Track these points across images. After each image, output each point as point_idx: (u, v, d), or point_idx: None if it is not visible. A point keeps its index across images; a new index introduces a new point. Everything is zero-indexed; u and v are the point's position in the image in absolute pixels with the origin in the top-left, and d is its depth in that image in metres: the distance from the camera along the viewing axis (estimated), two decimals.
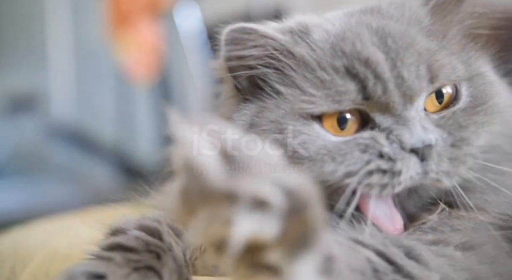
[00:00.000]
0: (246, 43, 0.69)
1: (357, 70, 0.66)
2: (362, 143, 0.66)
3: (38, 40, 3.81)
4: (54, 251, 0.89)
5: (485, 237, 0.65)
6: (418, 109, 0.67)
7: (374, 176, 0.64)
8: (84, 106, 3.77)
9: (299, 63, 0.69)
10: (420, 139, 0.64)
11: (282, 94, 0.70)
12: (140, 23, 2.77)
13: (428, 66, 0.67)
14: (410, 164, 0.64)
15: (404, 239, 0.61)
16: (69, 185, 3.34)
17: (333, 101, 0.66)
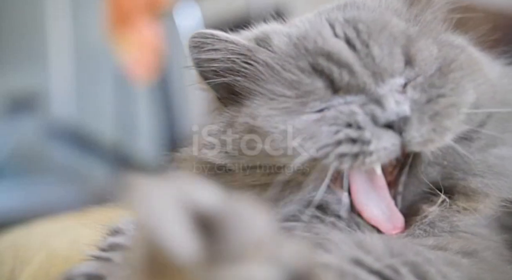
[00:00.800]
0: (205, 47, 0.71)
1: (322, 66, 0.66)
2: (333, 114, 0.65)
3: (38, 40, 3.81)
4: (54, 251, 0.89)
5: (485, 244, 0.65)
6: (393, 88, 0.66)
7: (343, 146, 0.63)
8: (84, 106, 3.78)
9: (263, 67, 0.70)
10: (394, 112, 0.62)
11: (255, 93, 0.70)
12: (140, 23, 2.77)
13: (403, 49, 0.67)
14: (384, 137, 0.62)
15: (410, 249, 0.58)
16: (69, 185, 3.35)
17: (302, 103, 0.66)
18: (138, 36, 2.79)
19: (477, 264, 0.60)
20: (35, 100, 3.80)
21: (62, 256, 0.85)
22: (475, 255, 0.62)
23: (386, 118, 0.63)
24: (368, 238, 0.60)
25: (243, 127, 0.69)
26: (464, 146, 0.68)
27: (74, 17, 3.78)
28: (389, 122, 0.63)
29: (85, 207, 0.93)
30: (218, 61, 0.71)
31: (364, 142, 0.62)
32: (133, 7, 2.77)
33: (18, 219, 1.19)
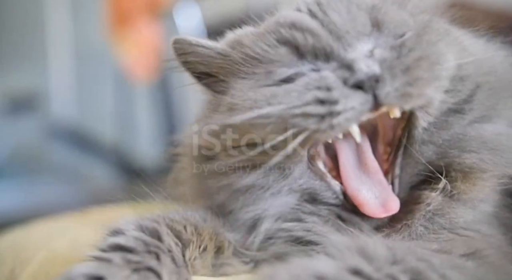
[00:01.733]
0: (186, 50, 0.77)
1: (285, 36, 0.69)
2: (303, 81, 0.66)
3: (38, 40, 3.81)
4: (54, 251, 0.88)
5: (487, 241, 0.65)
6: (362, 52, 0.66)
7: (310, 106, 0.63)
8: (84, 106, 3.77)
9: (236, 64, 0.73)
10: (363, 72, 0.63)
11: (237, 81, 0.73)
12: (140, 23, 2.77)
13: (369, 13, 0.69)
14: (352, 96, 0.62)
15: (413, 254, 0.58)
16: (69, 185, 3.34)
17: (270, 73, 0.69)
18: (138, 36, 2.79)
19: (481, 267, 0.60)
20: (35, 100, 3.80)
21: (62, 256, 0.85)
22: (480, 257, 0.61)
23: (355, 78, 0.63)
24: (371, 242, 0.59)
25: (225, 108, 0.71)
26: (457, 119, 0.69)
27: (74, 17, 3.78)
28: (359, 82, 0.63)
29: (85, 207, 0.93)
30: (197, 63, 0.77)
31: (332, 102, 0.62)
32: (133, 7, 2.77)
33: (18, 219, 1.19)
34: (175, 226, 0.69)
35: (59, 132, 3.61)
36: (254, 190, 0.70)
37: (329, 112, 0.62)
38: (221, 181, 0.71)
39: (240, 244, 0.71)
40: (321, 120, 0.62)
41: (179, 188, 0.81)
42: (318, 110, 0.63)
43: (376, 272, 0.55)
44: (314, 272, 0.54)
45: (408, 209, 0.68)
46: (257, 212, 0.70)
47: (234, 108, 0.69)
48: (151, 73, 2.84)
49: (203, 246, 0.69)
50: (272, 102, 0.65)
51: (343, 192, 0.70)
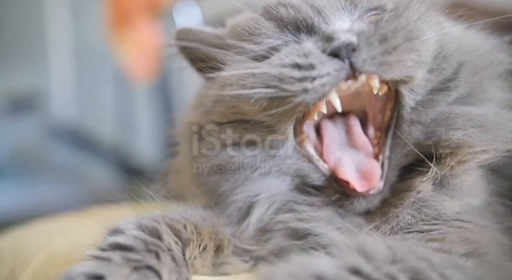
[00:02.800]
0: (186, 40, 0.82)
1: (271, 12, 0.74)
2: (286, 51, 0.69)
3: (38, 40, 3.81)
4: (54, 251, 0.89)
5: (485, 234, 0.65)
6: (341, 26, 0.70)
7: (287, 68, 0.66)
8: (84, 106, 3.77)
9: (233, 41, 0.76)
10: (340, 41, 0.65)
11: (227, 62, 0.75)
12: (140, 23, 2.77)
13: None
14: (328, 63, 0.65)
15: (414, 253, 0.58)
16: (69, 185, 3.34)
17: (258, 43, 0.73)
18: (138, 36, 2.79)
19: (481, 266, 0.60)
20: (35, 100, 3.80)
21: (62, 256, 0.85)
22: (480, 256, 0.62)
23: (332, 46, 0.65)
24: (371, 241, 0.60)
25: (216, 85, 0.74)
26: (443, 97, 0.70)
27: (74, 17, 3.77)
28: (335, 50, 0.65)
29: (85, 207, 0.93)
30: (196, 50, 0.81)
31: (308, 67, 0.65)
32: (133, 7, 2.77)
33: (18, 219, 1.19)
34: (175, 225, 0.69)
35: (59, 132, 3.60)
36: (243, 170, 0.72)
37: (304, 77, 0.65)
38: (212, 160, 0.74)
39: (237, 237, 0.72)
40: (297, 83, 0.65)
41: (178, 178, 0.82)
42: (293, 73, 0.65)
43: (375, 271, 0.55)
44: (313, 272, 0.54)
45: (399, 197, 0.69)
46: (248, 194, 0.72)
47: (223, 84, 0.72)
48: (151, 73, 2.84)
49: (203, 245, 0.70)
50: (255, 72, 0.68)
51: (331, 174, 0.71)
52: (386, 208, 0.69)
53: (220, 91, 0.71)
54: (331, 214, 0.70)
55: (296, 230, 0.70)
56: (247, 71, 0.69)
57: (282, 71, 0.66)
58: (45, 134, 3.66)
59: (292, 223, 0.70)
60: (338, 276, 0.54)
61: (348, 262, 0.56)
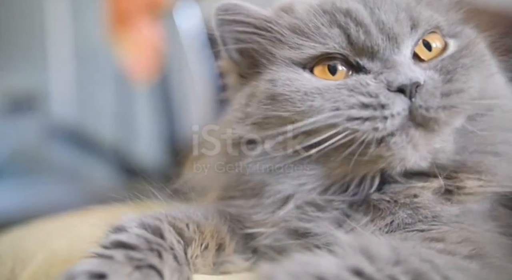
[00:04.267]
0: (232, 17, 0.76)
1: (339, 20, 0.70)
2: (350, 84, 0.68)
3: (38, 40, 3.81)
4: (54, 251, 0.88)
5: (490, 243, 0.65)
6: (406, 55, 0.70)
7: (355, 109, 0.66)
8: (84, 106, 3.77)
9: (286, 29, 0.73)
10: (408, 77, 0.66)
11: (275, 56, 0.74)
12: (140, 23, 2.77)
13: (408, 14, 0.71)
14: (396, 100, 0.65)
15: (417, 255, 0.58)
16: (69, 185, 3.34)
17: (319, 43, 0.70)
18: (138, 36, 2.79)
19: (485, 268, 0.60)
20: (35, 100, 3.80)
21: (62, 256, 0.85)
22: (484, 258, 0.61)
23: (400, 82, 0.66)
24: (375, 241, 0.59)
25: (264, 95, 0.72)
26: (472, 123, 0.71)
27: (74, 17, 3.77)
28: (402, 86, 0.65)
29: (85, 207, 0.93)
30: (242, 31, 0.76)
31: (378, 107, 0.65)
32: (133, 7, 2.77)
33: (18, 219, 1.19)
34: (177, 223, 0.69)
35: (59, 132, 3.60)
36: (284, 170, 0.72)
37: (374, 116, 0.65)
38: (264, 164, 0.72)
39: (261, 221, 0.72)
40: (367, 121, 0.65)
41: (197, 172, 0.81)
42: (362, 113, 0.65)
43: (377, 272, 0.55)
44: (314, 271, 0.54)
45: (395, 196, 0.69)
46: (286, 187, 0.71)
47: (277, 97, 0.70)
48: (151, 73, 2.84)
49: (204, 244, 0.70)
50: (324, 98, 0.68)
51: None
52: (382, 204, 0.69)
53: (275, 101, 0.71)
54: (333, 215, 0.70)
55: (297, 229, 0.70)
56: (315, 88, 0.68)
57: (351, 113, 0.66)
58: (45, 134, 3.66)
59: (293, 221, 0.70)
60: (339, 277, 0.54)
61: (350, 262, 0.56)
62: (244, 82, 0.78)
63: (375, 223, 0.68)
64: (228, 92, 0.84)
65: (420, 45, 0.72)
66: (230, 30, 0.77)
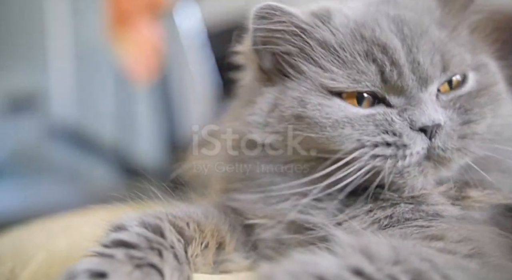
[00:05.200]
0: (272, 18, 0.74)
1: (376, 55, 0.71)
2: (378, 119, 0.70)
3: (38, 40, 3.81)
4: (54, 251, 0.88)
5: (489, 242, 0.65)
6: (431, 93, 0.71)
7: (379, 147, 0.69)
8: (84, 106, 3.77)
9: (320, 44, 0.74)
10: (431, 119, 0.68)
11: (305, 73, 0.74)
12: (140, 23, 2.77)
13: (441, 55, 0.71)
14: (417, 140, 0.69)
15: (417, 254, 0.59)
16: (69, 185, 3.34)
17: (354, 80, 0.71)
18: (138, 36, 2.79)
19: (484, 267, 0.60)
20: (35, 100, 3.79)
21: (62, 256, 0.85)
22: (483, 256, 0.62)
23: (423, 122, 0.69)
24: (375, 241, 0.60)
25: (289, 112, 0.73)
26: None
27: (74, 17, 3.77)
28: (425, 127, 0.68)
29: (85, 207, 0.93)
30: (282, 32, 0.75)
31: (399, 146, 0.68)
32: (133, 7, 2.77)
33: (18, 219, 1.19)
34: (177, 222, 0.69)
35: (59, 132, 3.60)
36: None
37: (395, 155, 0.69)
38: (275, 166, 0.75)
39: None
40: (387, 159, 0.69)
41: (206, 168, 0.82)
42: (385, 152, 0.69)
43: (377, 272, 0.55)
44: (314, 271, 0.54)
45: (400, 190, 0.71)
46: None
47: (305, 119, 0.72)
48: (151, 73, 2.84)
49: (205, 243, 0.70)
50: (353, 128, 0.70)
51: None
52: (384, 195, 0.71)
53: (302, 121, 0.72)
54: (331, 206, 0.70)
55: (296, 221, 0.70)
56: (345, 117, 0.70)
57: (375, 151, 0.69)
58: (45, 134, 3.65)
59: (291, 214, 0.70)
60: (339, 277, 0.54)
61: (350, 262, 0.56)
62: (267, 82, 0.78)
63: (375, 213, 0.69)
64: (239, 77, 0.84)
65: (444, 84, 0.74)
66: (271, 29, 0.75)
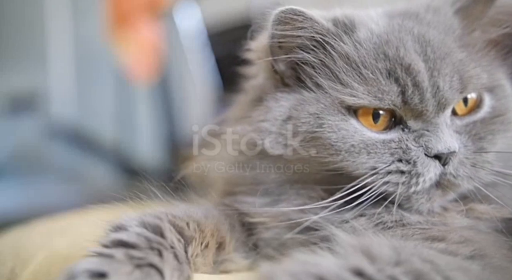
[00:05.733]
0: (294, 24, 0.72)
1: (399, 75, 0.69)
2: (393, 147, 0.70)
3: (38, 40, 3.81)
4: (54, 251, 0.88)
5: (490, 244, 0.65)
6: (446, 116, 0.71)
7: (393, 175, 0.69)
8: (84, 106, 3.77)
9: (342, 58, 0.72)
10: (446, 146, 0.68)
11: (322, 87, 0.73)
12: (140, 23, 2.77)
13: (460, 77, 0.71)
14: (431, 168, 0.69)
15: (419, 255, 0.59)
16: (69, 185, 3.34)
17: (375, 97, 0.69)
18: (138, 36, 2.79)
19: (486, 269, 0.60)
20: (35, 100, 3.80)
21: (62, 255, 0.85)
22: (485, 258, 0.62)
23: (439, 150, 0.69)
24: (377, 242, 0.60)
25: (305, 128, 0.72)
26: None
27: (74, 17, 3.77)
28: (440, 154, 0.69)
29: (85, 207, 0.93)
30: (302, 38, 0.73)
31: (413, 175, 0.69)
32: (133, 7, 2.77)
33: (18, 219, 1.19)
34: (177, 222, 0.69)
35: (59, 132, 3.60)
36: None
37: (409, 181, 0.69)
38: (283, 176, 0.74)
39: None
40: (400, 186, 0.69)
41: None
42: (399, 180, 0.69)
43: (378, 273, 0.55)
44: (314, 271, 0.54)
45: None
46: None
47: (321, 138, 0.71)
48: (151, 73, 2.84)
49: (205, 243, 0.70)
50: (368, 152, 0.70)
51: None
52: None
53: (312, 139, 0.72)
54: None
55: (298, 222, 0.70)
56: (361, 142, 0.70)
57: (389, 178, 0.69)
58: (45, 134, 3.65)
59: (293, 214, 0.70)
60: (340, 277, 0.54)
61: (351, 262, 0.56)
62: (281, 86, 0.76)
63: (383, 216, 0.69)
64: (247, 71, 0.82)
65: (460, 102, 0.73)
66: (292, 35, 0.73)
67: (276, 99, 0.75)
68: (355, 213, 0.69)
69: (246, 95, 0.82)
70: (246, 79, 0.84)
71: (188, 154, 0.83)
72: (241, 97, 0.84)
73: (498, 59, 0.78)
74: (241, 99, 0.83)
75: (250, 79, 0.83)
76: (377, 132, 0.71)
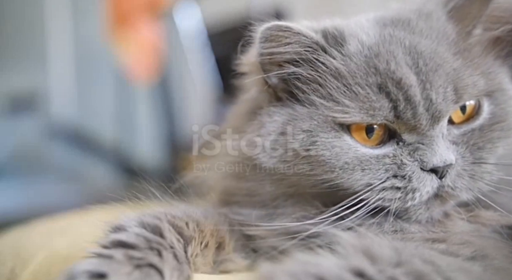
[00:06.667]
0: (280, 40, 0.71)
1: (390, 90, 0.68)
2: (388, 162, 0.69)
3: (38, 40, 3.81)
4: (54, 251, 0.88)
5: (491, 245, 0.65)
6: (442, 127, 0.69)
7: (388, 191, 0.68)
8: (84, 106, 3.77)
9: (332, 74, 0.71)
10: (442, 159, 0.67)
11: (315, 104, 0.71)
12: (140, 23, 2.77)
13: (454, 87, 0.69)
14: (427, 182, 0.68)
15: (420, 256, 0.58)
16: (69, 185, 3.34)
17: (367, 114, 0.68)
18: (138, 36, 2.79)
19: (487, 270, 0.60)
20: (35, 100, 3.80)
21: (62, 255, 0.85)
22: (486, 259, 0.62)
23: (434, 164, 0.67)
24: (378, 242, 0.60)
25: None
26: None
27: (74, 17, 3.78)
28: (436, 168, 0.67)
29: (85, 207, 0.93)
30: (288, 53, 0.72)
31: (408, 190, 0.68)
32: (133, 7, 2.77)
33: (18, 219, 1.19)
34: (177, 222, 0.69)
35: (59, 132, 3.60)
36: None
37: (405, 196, 0.68)
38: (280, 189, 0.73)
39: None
40: (396, 201, 0.68)
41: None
42: (394, 196, 0.68)
43: (378, 274, 0.55)
44: (314, 272, 0.54)
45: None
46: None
47: (313, 157, 0.70)
48: (151, 73, 2.85)
49: (204, 243, 0.70)
50: (362, 169, 0.68)
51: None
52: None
53: (305, 156, 0.70)
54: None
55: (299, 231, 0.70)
56: (355, 159, 0.68)
57: (384, 195, 0.68)
58: (45, 134, 3.66)
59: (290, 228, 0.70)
60: (340, 277, 0.54)
61: (352, 263, 0.56)
62: (274, 100, 0.75)
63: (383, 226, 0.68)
64: (242, 81, 0.81)
65: (457, 111, 0.71)
66: (279, 51, 0.71)
67: (269, 114, 0.74)
68: (353, 222, 0.68)
69: (241, 108, 0.81)
70: (242, 90, 0.83)
71: (188, 158, 0.83)
72: (237, 108, 0.83)
73: (500, 60, 0.76)
74: (237, 110, 0.83)
75: (244, 91, 0.82)
76: (371, 147, 0.69)
